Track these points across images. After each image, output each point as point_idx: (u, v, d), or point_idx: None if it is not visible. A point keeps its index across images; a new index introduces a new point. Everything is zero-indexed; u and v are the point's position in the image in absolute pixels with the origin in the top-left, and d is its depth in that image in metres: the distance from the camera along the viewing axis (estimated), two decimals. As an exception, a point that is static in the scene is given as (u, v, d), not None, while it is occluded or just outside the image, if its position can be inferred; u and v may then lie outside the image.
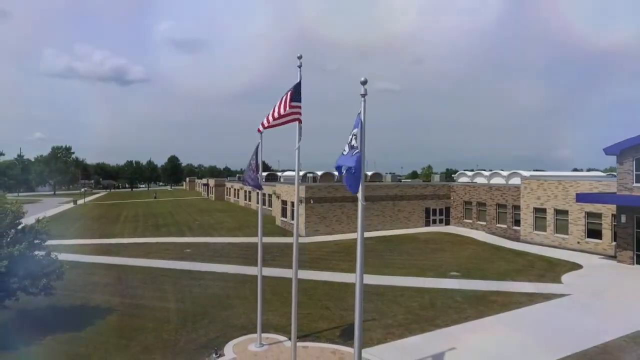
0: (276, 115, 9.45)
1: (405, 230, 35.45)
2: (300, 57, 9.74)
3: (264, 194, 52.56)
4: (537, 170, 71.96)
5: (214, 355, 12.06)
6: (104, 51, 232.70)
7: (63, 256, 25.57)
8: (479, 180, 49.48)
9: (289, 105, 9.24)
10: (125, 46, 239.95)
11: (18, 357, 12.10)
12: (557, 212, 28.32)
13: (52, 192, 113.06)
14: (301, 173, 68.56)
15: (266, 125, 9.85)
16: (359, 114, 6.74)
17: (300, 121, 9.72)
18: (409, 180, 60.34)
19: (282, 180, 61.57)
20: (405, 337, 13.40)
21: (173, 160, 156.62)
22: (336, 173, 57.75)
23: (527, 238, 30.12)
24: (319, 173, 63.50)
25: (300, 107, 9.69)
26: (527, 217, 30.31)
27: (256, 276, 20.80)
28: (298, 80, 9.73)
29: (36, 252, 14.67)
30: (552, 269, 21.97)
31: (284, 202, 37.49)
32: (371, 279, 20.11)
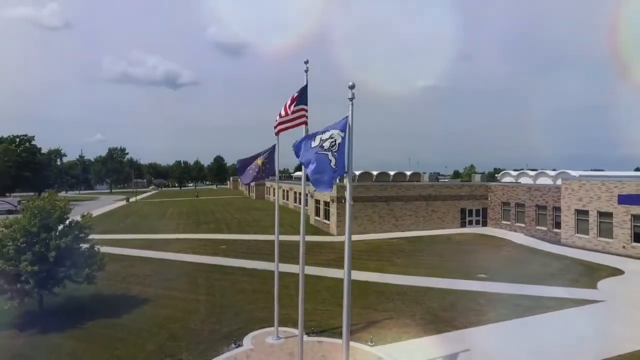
0: (280, 119, 9.96)
1: (439, 231, 34.88)
2: (306, 62, 10.18)
3: (298, 193, 53.57)
4: (595, 170, 67.55)
5: (233, 345, 12.82)
6: (156, 57, 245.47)
7: (111, 249, 27.86)
8: (524, 180, 47.31)
9: (295, 109, 9.70)
10: (175, 51, 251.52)
11: (62, 338, 13.51)
12: (601, 214, 26.77)
13: (109, 190, 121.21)
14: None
15: (276, 129, 10.39)
16: (346, 117, 7.05)
17: (306, 124, 10.15)
18: (446, 180, 58.92)
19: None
20: (420, 336, 13.49)
21: (218, 160, 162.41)
22: (374, 173, 57.11)
23: (568, 241, 28.70)
24: (357, 173, 63.63)
25: (306, 110, 10.12)
26: (568, 220, 28.88)
27: (285, 272, 21.65)
28: (305, 84, 10.18)
29: (81, 245, 16.20)
30: (590, 274, 20.92)
31: (317, 202, 38.09)
32: (395, 279, 20.22)
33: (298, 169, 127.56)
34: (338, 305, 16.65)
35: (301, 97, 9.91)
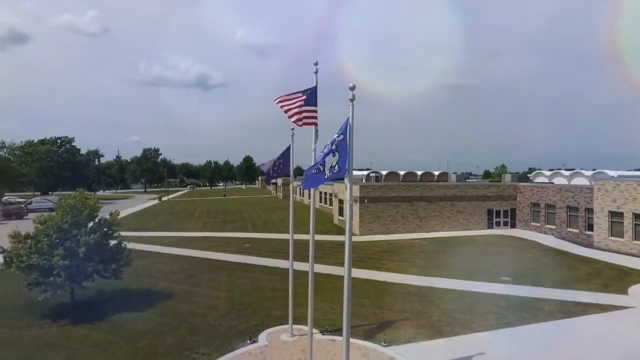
0: (288, 116, 10.13)
1: (464, 232, 34.19)
2: (316, 64, 10.33)
3: (324, 193, 53.74)
4: (638, 170, 64.01)
5: (248, 341, 13.17)
6: (189, 60, 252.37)
7: (140, 246, 29.02)
8: (558, 180, 45.54)
9: (304, 110, 9.85)
10: (207, 54, 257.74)
11: (90, 329, 14.28)
12: (637, 216, 25.46)
13: (144, 190, 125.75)
14: (364, 173, 69.05)
15: (293, 118, 10.49)
16: (347, 119, 7.15)
17: (315, 124, 10.30)
18: (473, 181, 57.52)
19: (345, 180, 62.30)
20: (434, 338, 13.39)
21: (248, 160, 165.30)
22: (401, 173, 56.68)
23: (602, 244, 27.47)
24: (384, 172, 63.22)
25: (316, 112, 10.27)
26: (601, 222, 27.64)
27: (303, 271, 21.90)
28: (314, 85, 10.33)
29: (109, 241, 17.04)
30: (621, 279, 20.00)
31: (341, 201, 38.17)
32: (415, 280, 20.06)
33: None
34: (355, 305, 16.63)
35: (311, 98, 10.07)
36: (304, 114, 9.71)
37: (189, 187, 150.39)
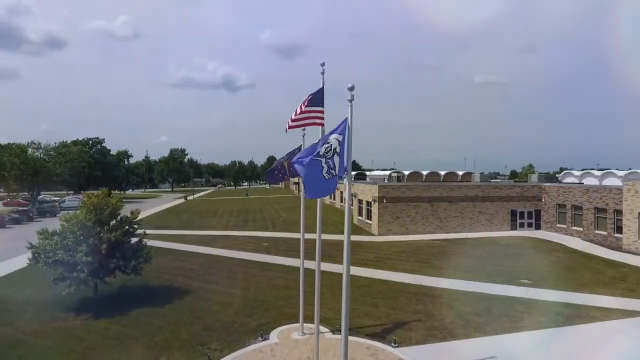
0: (294, 117, 10.28)
1: (486, 233, 33.46)
2: (323, 64, 10.41)
3: (340, 192, 53.70)
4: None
5: (259, 338, 13.41)
6: (215, 62, 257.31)
7: (163, 244, 29.88)
8: (588, 180, 43.93)
9: (307, 110, 9.96)
10: (233, 56, 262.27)
11: (111, 323, 14.86)
12: (669, 218, 24.28)
13: (171, 189, 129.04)
14: (387, 173, 68.36)
15: (288, 126, 10.73)
16: (345, 119, 7.20)
17: (322, 125, 10.39)
18: (498, 181, 56.08)
19: (367, 179, 62.20)
20: (446, 340, 13.24)
21: (271, 160, 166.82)
22: (424, 173, 56.06)
23: (631, 248, 26.33)
24: (406, 172, 62.62)
25: (322, 112, 10.35)
26: (630, 224, 26.48)
27: (320, 271, 22.04)
28: (321, 86, 10.42)
29: (130, 239, 17.66)
30: (649, 284, 19.14)
31: (360, 201, 38.08)
32: (430, 281, 19.85)
33: (354, 168, 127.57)
34: (367, 305, 16.76)
35: (317, 99, 10.15)
36: (310, 114, 9.81)
37: (218, 186, 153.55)
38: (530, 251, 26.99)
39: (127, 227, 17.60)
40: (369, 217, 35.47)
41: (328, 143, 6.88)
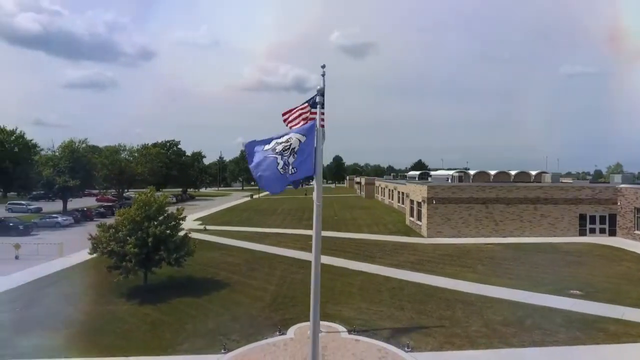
0: (294, 117, 10.53)
1: (548, 238, 30.82)
2: (323, 67, 10.59)
3: (401, 193, 52.62)
4: None
5: (277, 333, 13.98)
6: (287, 65, 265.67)
7: (218, 239, 31.89)
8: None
9: (307, 111, 10.19)
10: (304, 58, 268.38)
11: (152, 309, 16.42)
12: None
13: (241, 187, 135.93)
14: (450, 173, 65.80)
15: (285, 122, 10.97)
16: (313, 122, 7.36)
17: (323, 126, 10.58)
18: (572, 181, 50.79)
19: (430, 179, 60.28)
20: (464, 349, 12.74)
21: (337, 160, 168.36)
22: (492, 172, 53.00)
23: None
24: (472, 172, 59.59)
25: (323, 114, 10.54)
26: None
27: (354, 270, 22.20)
28: (322, 87, 10.59)
29: (174, 233, 19.26)
30: None
31: (412, 202, 37.19)
32: (467, 286, 19.01)
33: (413, 168, 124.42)
34: (393, 308, 16.57)
35: (318, 100, 10.33)
36: (311, 115, 10.05)
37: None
38: (594, 259, 24.44)
39: (172, 223, 19.24)
40: (419, 218, 34.55)
41: (288, 142, 7.13)
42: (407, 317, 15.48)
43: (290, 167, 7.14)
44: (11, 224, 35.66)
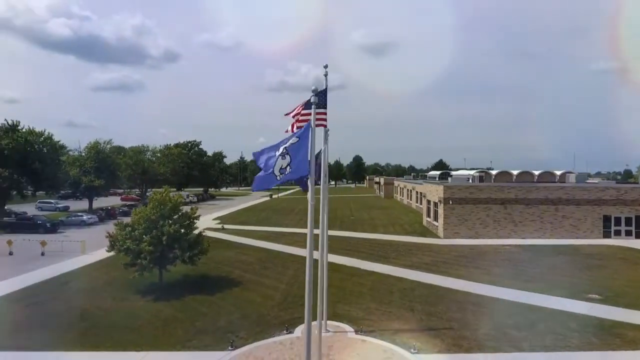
0: (296, 117, 10.62)
1: (569, 240, 29.90)
2: (326, 67, 10.67)
3: (419, 193, 52.05)
4: None
5: (284, 331, 14.11)
6: (308, 65, 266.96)
7: (235, 238, 32.36)
8: None
9: (299, 112, 10.26)
10: (324, 58, 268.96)
11: (165, 306, 16.83)
12: None
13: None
14: (471, 172, 64.74)
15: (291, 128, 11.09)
16: (308, 123, 7.43)
17: (324, 126, 10.65)
18: (597, 181, 49.02)
19: (450, 179, 59.41)
20: (470, 352, 12.54)
21: (357, 160, 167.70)
22: (514, 172, 52.00)
23: None
24: (494, 172, 58.40)
25: (325, 114, 10.61)
26: None
27: (368, 271, 22.14)
28: (324, 87, 10.66)
29: (188, 232, 19.67)
30: None
31: (429, 202, 36.75)
32: (481, 288, 18.70)
33: (434, 168, 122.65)
34: (403, 309, 16.46)
35: (320, 100, 10.40)
36: (301, 117, 10.13)
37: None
38: (616, 262, 23.59)
39: (187, 222, 19.66)
40: (435, 218, 34.12)
41: (291, 145, 7.26)
42: (416, 319, 15.35)
43: (287, 167, 7.24)
44: (39, 222, 37.24)
